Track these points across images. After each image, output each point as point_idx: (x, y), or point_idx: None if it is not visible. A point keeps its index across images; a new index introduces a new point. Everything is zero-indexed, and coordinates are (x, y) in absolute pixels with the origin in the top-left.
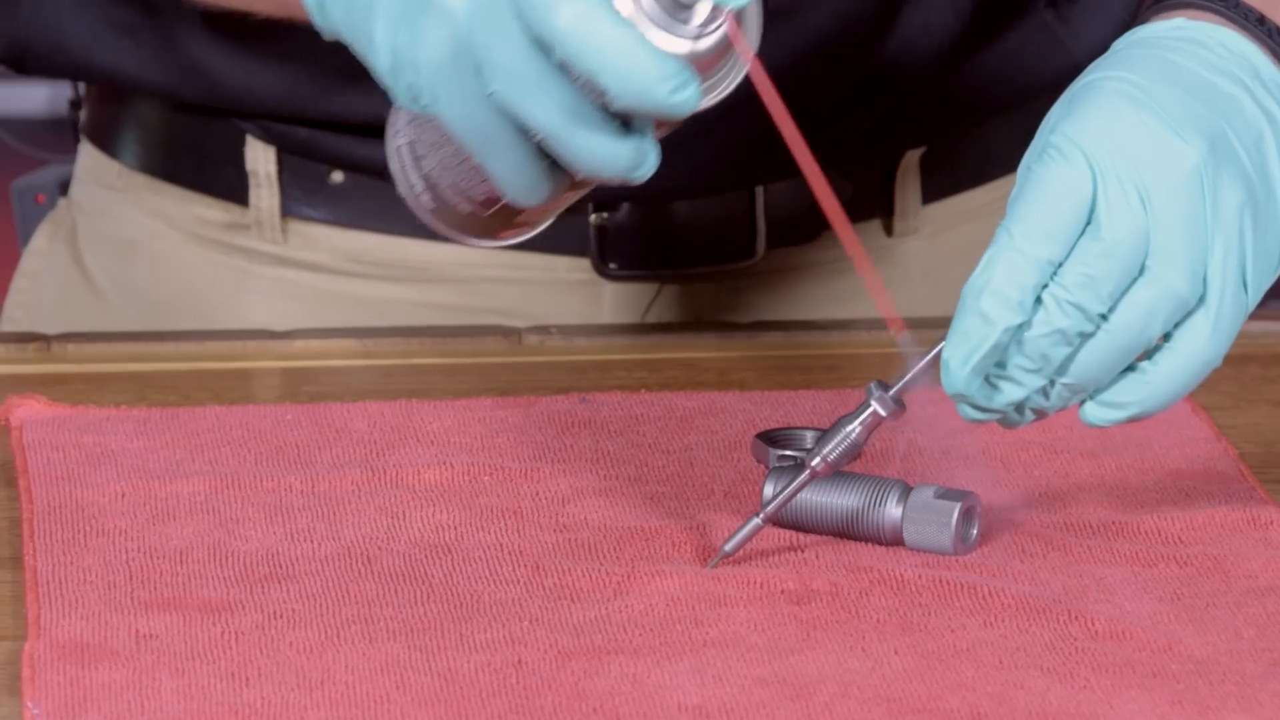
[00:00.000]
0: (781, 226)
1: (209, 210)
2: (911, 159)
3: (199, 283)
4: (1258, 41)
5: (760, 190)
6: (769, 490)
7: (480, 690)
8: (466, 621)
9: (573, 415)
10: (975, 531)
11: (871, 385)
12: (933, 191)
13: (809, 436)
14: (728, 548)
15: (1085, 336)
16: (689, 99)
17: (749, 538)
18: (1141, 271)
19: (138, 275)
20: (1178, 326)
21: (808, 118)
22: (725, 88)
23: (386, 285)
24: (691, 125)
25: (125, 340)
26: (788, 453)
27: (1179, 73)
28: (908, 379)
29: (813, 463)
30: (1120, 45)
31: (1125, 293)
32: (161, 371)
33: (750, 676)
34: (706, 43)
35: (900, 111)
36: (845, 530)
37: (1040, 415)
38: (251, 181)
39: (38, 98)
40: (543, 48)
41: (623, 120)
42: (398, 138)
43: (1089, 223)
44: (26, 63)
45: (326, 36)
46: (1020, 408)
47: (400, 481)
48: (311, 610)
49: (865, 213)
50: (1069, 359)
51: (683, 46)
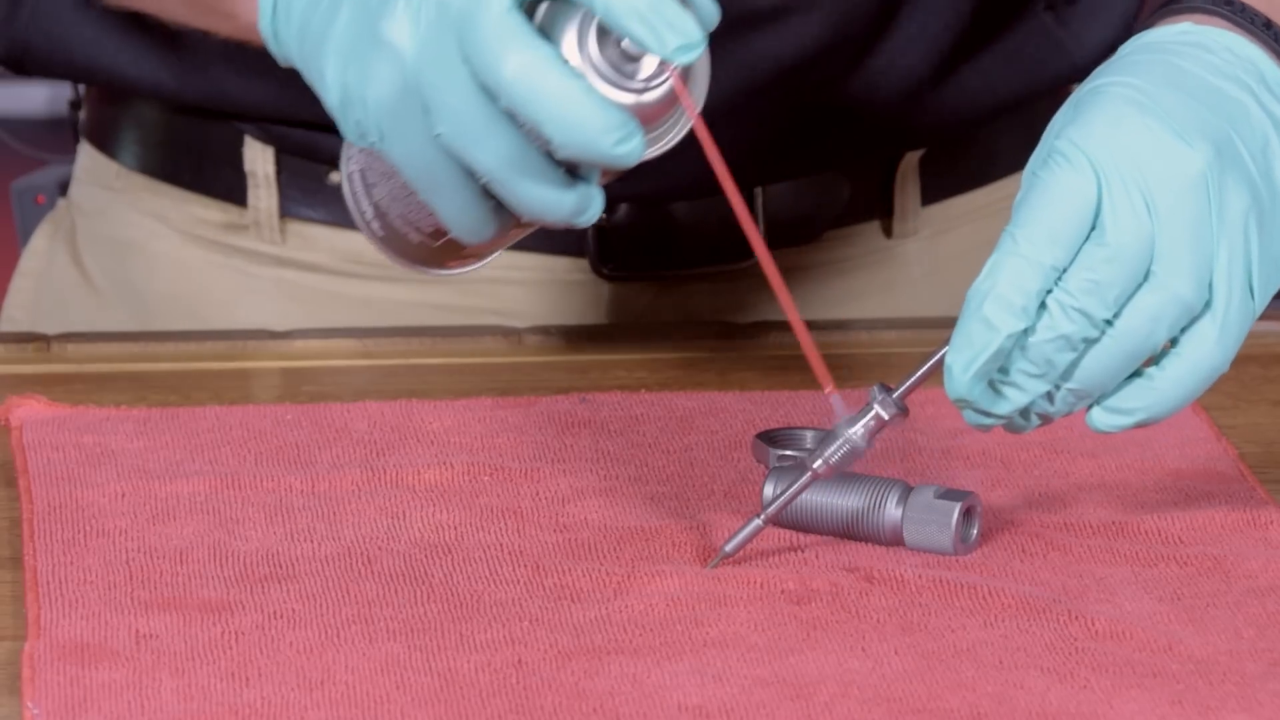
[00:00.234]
0: (781, 228)
1: (207, 211)
2: (911, 160)
3: (197, 283)
4: (1264, 46)
5: (759, 192)
6: (769, 490)
7: (480, 690)
8: (466, 621)
9: (573, 415)
10: (975, 531)
11: (875, 388)
12: (932, 193)
13: (809, 436)
14: (728, 548)
15: (1090, 342)
16: (632, 151)
17: (750, 539)
18: (1147, 277)
19: (136, 276)
20: (1184, 332)
21: (807, 119)
22: (671, 139)
23: (385, 285)
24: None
25: (125, 340)
26: (788, 453)
27: (1184, 78)
28: (911, 383)
29: (814, 465)
30: (1126, 50)
31: (1130, 298)
32: (161, 371)
33: (750, 676)
34: (652, 95)
35: (899, 114)
36: (845, 530)
37: (1046, 420)
38: (250, 182)
39: (38, 98)
40: (490, 94)
41: (568, 167)
42: (350, 164)
43: (1094, 228)
44: (26, 64)
45: (282, 64)
46: (1025, 413)
47: (400, 481)
48: (311, 610)
49: (864, 214)
50: (1074, 365)
51: (628, 98)
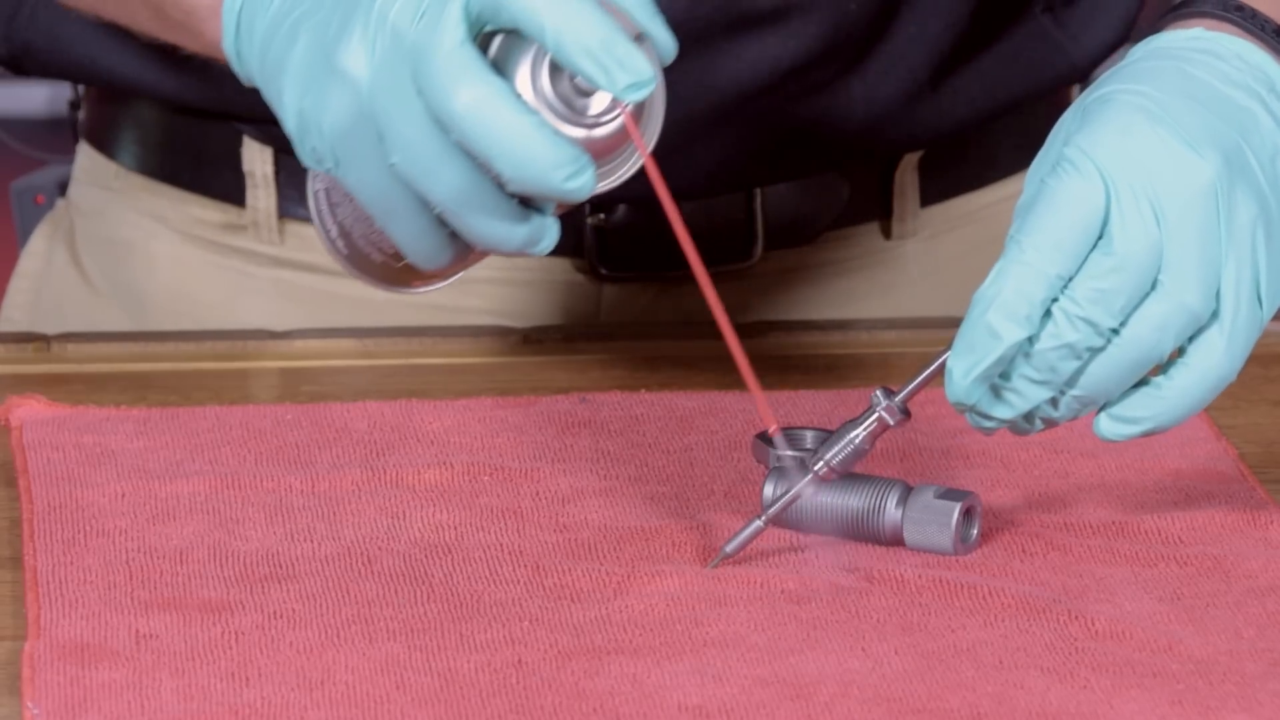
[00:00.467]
0: (779, 229)
1: (206, 211)
2: (909, 162)
3: (196, 283)
4: (1274, 53)
5: (758, 193)
6: (769, 490)
7: (480, 690)
8: (466, 621)
9: (573, 415)
10: (975, 531)
11: (877, 392)
12: (931, 194)
13: (809, 436)
14: (728, 549)
15: (1095, 351)
16: (583, 186)
17: (750, 539)
18: (1154, 286)
19: (135, 276)
20: (1191, 341)
21: (806, 121)
22: (625, 173)
23: None
24: (691, 129)
25: (125, 340)
26: (788, 453)
27: (1195, 86)
28: (913, 386)
29: (816, 466)
30: (1136, 55)
31: (1137, 308)
32: (161, 371)
33: (750, 676)
34: (604, 130)
35: (898, 115)
36: (845, 530)
37: (1050, 424)
38: (249, 182)
39: (37, 98)
40: (443, 126)
41: (522, 198)
42: (315, 182)
43: (1101, 236)
44: (26, 64)
45: (245, 83)
46: (1029, 416)
47: (400, 481)
48: (311, 610)
49: (863, 215)
50: (1079, 372)
51: (580, 133)
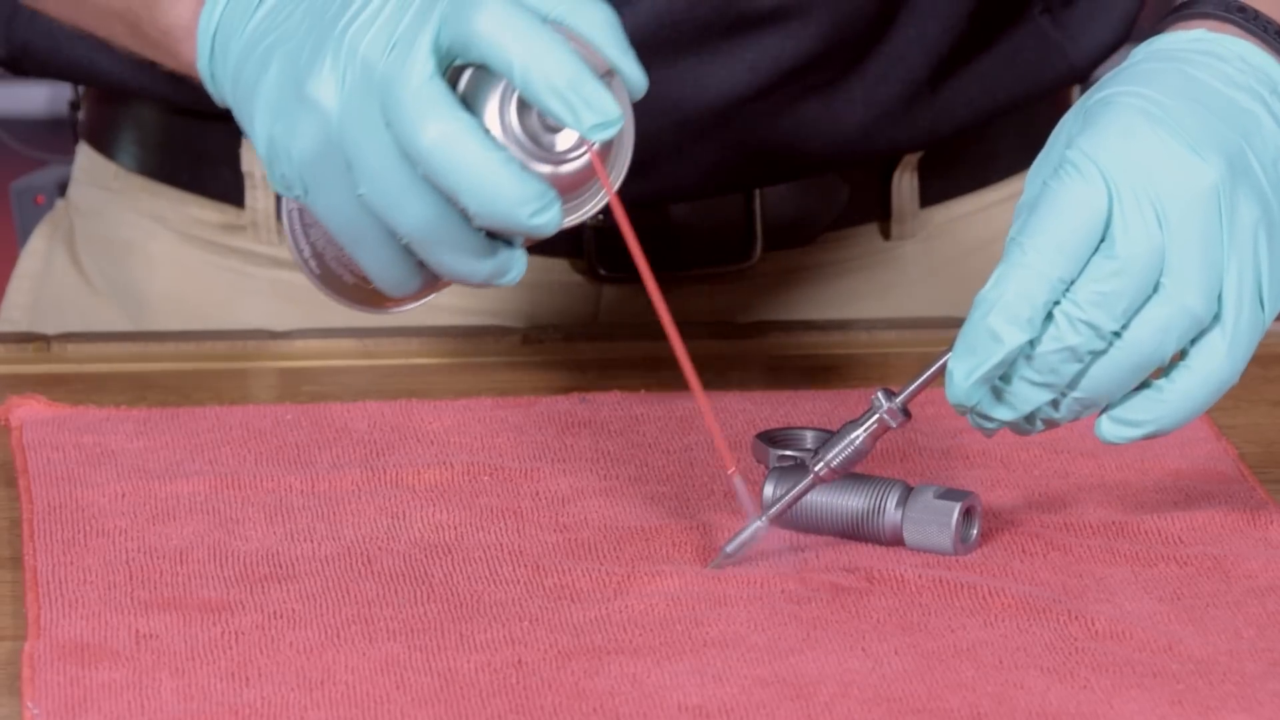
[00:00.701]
0: (779, 229)
1: (205, 211)
2: (909, 162)
3: (195, 284)
4: (1277, 55)
5: (758, 194)
6: (769, 490)
7: (480, 690)
8: (466, 621)
9: (573, 415)
10: (975, 531)
11: (878, 393)
12: (930, 195)
13: (809, 436)
14: (729, 549)
15: (1097, 354)
16: (549, 222)
17: (752, 540)
18: (1155, 289)
19: (134, 276)
20: (1193, 344)
21: (804, 123)
22: (591, 208)
23: None
24: (690, 130)
25: (125, 340)
26: (788, 453)
27: (1197, 88)
28: (914, 387)
29: (816, 468)
30: (1139, 57)
31: (1139, 310)
32: (161, 371)
33: (750, 676)
34: (571, 166)
35: (897, 116)
36: (845, 530)
37: (1051, 425)
38: (247, 183)
39: (37, 99)
40: (411, 159)
41: (490, 231)
42: (288, 202)
43: (1103, 239)
44: (25, 64)
45: (219, 104)
46: (1031, 418)
47: (400, 481)
48: (311, 610)
49: (862, 216)
50: (1080, 375)
51: (546, 168)
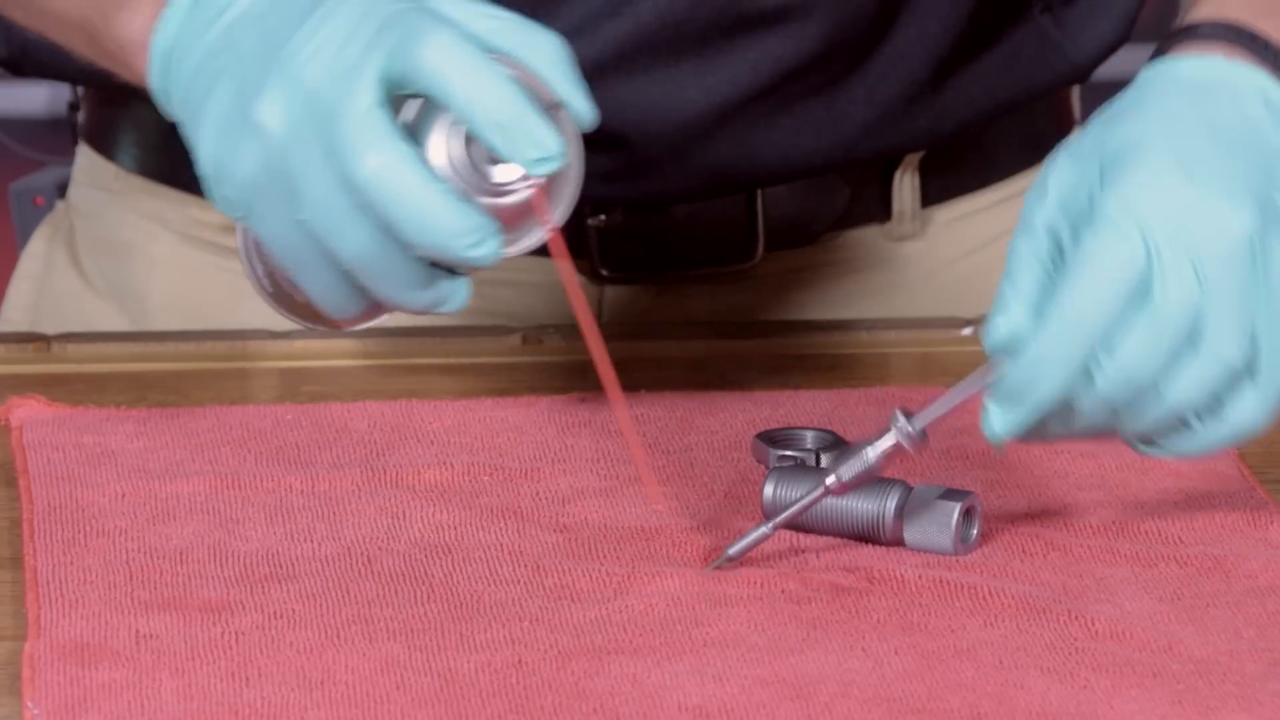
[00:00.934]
0: (780, 230)
1: (204, 213)
2: (909, 162)
3: (195, 285)
4: None
5: (759, 194)
6: (769, 490)
7: (480, 690)
8: (466, 621)
9: (573, 415)
10: (975, 531)
11: (897, 413)
12: (931, 195)
13: (809, 436)
14: (731, 552)
15: (1133, 403)
16: (487, 254)
17: (755, 545)
18: (1192, 340)
19: (134, 277)
20: (1226, 391)
21: (803, 123)
22: (537, 239)
23: None
24: (691, 130)
25: (125, 340)
26: (788, 453)
27: (1221, 129)
28: (935, 414)
29: (828, 481)
30: (1152, 82)
31: (1177, 364)
32: (161, 371)
33: (750, 676)
34: (515, 198)
35: (898, 116)
36: (846, 530)
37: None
38: None
39: (37, 99)
40: (350, 188)
41: (432, 260)
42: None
43: (1140, 293)
44: (24, 64)
45: (170, 119)
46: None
47: (400, 481)
48: (311, 610)
49: (863, 216)
50: (1116, 420)
51: (488, 200)
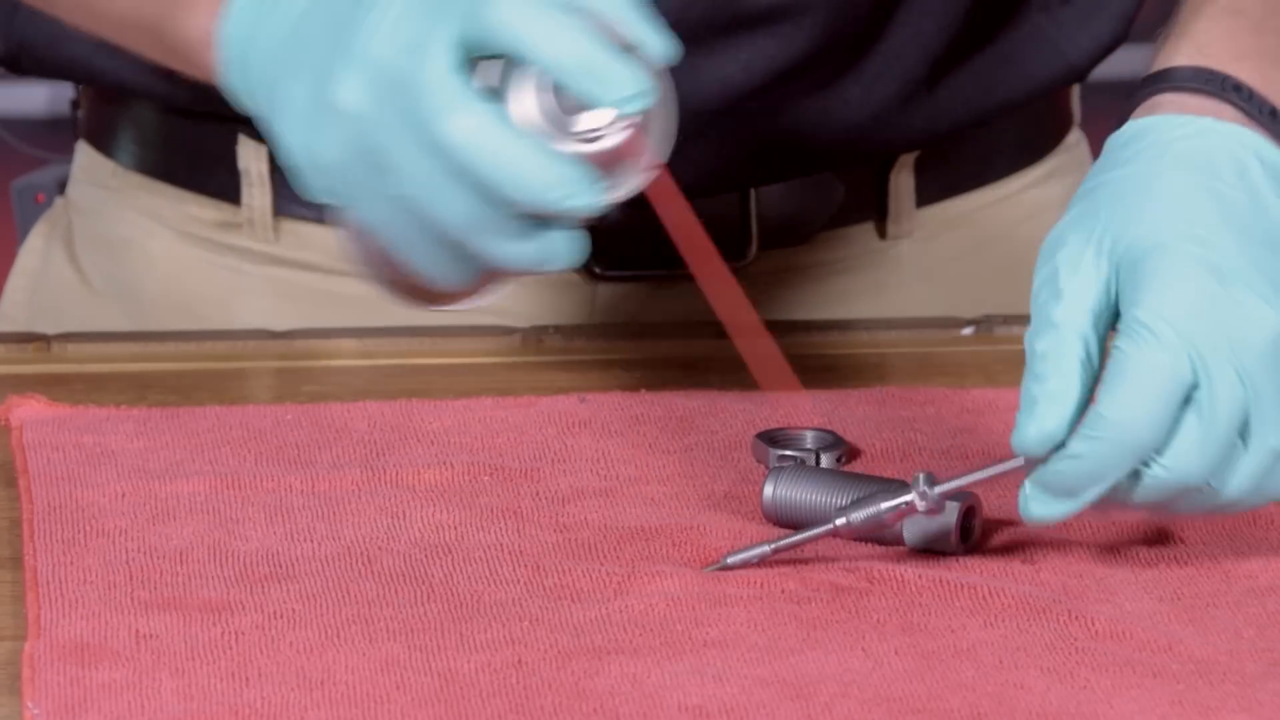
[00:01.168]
0: (774, 229)
1: (201, 209)
2: (905, 162)
3: (192, 281)
4: (1271, 137)
5: (753, 193)
6: (769, 490)
7: (480, 690)
8: (466, 621)
9: (573, 415)
10: (975, 531)
11: (920, 476)
12: (926, 195)
13: (809, 436)
14: (730, 561)
15: (1181, 496)
16: (585, 203)
17: (754, 560)
18: (1240, 437)
19: (131, 274)
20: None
21: (800, 122)
22: (637, 182)
23: None
24: (685, 129)
25: (125, 340)
26: (788, 453)
27: (1235, 214)
28: (957, 485)
29: (837, 521)
30: (1152, 154)
31: (1228, 460)
32: (161, 371)
33: (750, 676)
34: (609, 143)
35: (893, 116)
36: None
37: None
38: (244, 180)
39: (39, 97)
40: (440, 155)
41: (536, 216)
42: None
43: (1187, 399)
44: (23, 62)
45: (241, 113)
46: None
47: (400, 481)
48: (311, 610)
49: (858, 215)
50: (1158, 507)
51: (581, 148)
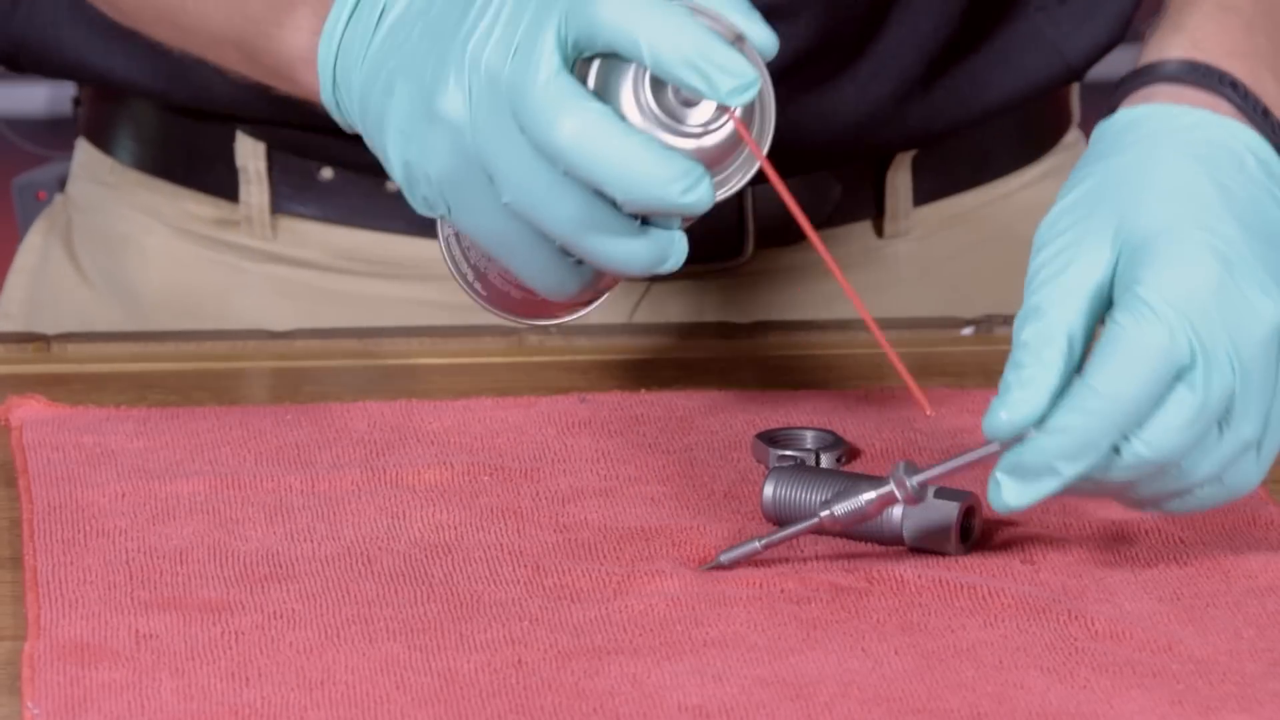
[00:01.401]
0: (770, 227)
1: (199, 206)
2: (902, 160)
3: (190, 279)
4: (1265, 135)
5: (749, 191)
6: (769, 490)
7: (480, 690)
8: (466, 621)
9: (573, 415)
10: (975, 531)
11: (900, 465)
12: (924, 193)
13: (809, 436)
14: (724, 559)
15: (1152, 477)
16: (701, 198)
17: (746, 557)
18: (1221, 423)
19: (129, 271)
20: (1234, 461)
21: (797, 121)
22: (743, 177)
23: (377, 282)
24: None
25: (125, 340)
26: (788, 453)
27: (1239, 207)
28: (934, 474)
29: (822, 514)
30: (1154, 140)
31: (1203, 444)
32: (161, 371)
33: (750, 676)
34: (715, 138)
35: (890, 115)
36: (845, 530)
37: None
38: (241, 178)
39: (40, 95)
40: (550, 158)
41: (643, 217)
42: (445, 228)
43: (1178, 378)
44: (21, 61)
45: (347, 130)
46: None
47: (400, 481)
48: (311, 610)
49: (855, 214)
50: (1125, 487)
51: (690, 144)
